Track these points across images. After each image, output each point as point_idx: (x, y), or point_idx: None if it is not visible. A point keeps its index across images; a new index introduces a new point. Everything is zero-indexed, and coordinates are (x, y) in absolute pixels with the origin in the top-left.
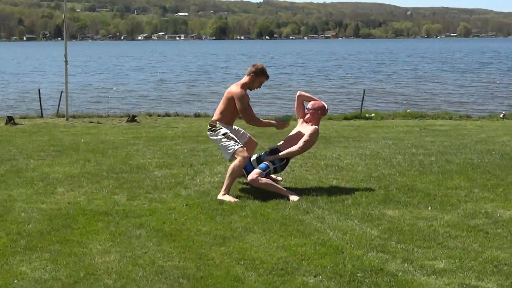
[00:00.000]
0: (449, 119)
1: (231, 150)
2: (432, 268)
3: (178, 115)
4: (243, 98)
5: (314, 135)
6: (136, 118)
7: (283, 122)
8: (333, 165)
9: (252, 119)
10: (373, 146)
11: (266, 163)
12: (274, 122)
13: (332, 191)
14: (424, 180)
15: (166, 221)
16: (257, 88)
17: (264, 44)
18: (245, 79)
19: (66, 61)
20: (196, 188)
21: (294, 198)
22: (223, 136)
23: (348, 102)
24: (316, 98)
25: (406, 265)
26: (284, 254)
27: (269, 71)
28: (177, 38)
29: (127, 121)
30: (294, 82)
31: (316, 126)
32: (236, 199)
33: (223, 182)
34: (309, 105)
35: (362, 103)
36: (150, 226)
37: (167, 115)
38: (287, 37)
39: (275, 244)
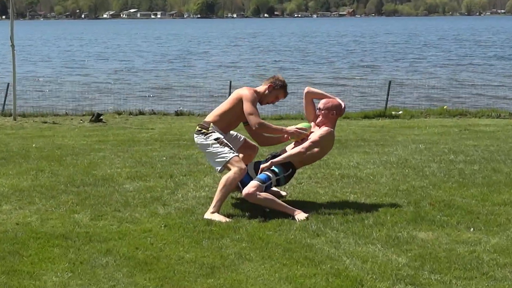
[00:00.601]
0: (497, 118)
1: (224, 159)
2: None
3: (154, 113)
4: (254, 101)
5: (325, 137)
6: (101, 117)
7: (300, 132)
8: (350, 175)
9: (262, 124)
10: (400, 152)
11: (267, 173)
12: (289, 129)
13: (349, 208)
14: (465, 194)
15: (139, 246)
16: (270, 103)
17: (261, 23)
18: (260, 87)
19: (12, 46)
20: (177, 205)
21: (301, 216)
22: (215, 142)
23: (369, 97)
24: (328, 95)
25: None
26: None
27: (264, 58)
28: (153, 16)
29: (91, 120)
30: (299, 72)
31: (330, 128)
32: (227, 219)
33: (211, 198)
34: (321, 104)
35: (387, 98)
36: (120, 252)
37: (141, 113)
38: (291, 14)
39: (277, 275)
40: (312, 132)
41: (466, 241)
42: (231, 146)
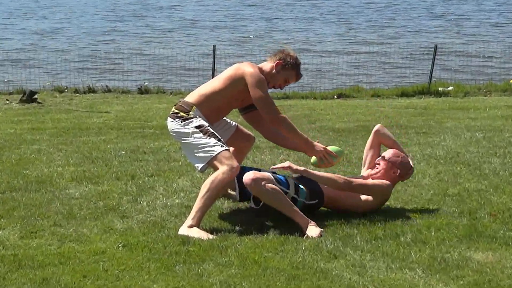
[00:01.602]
0: None
1: (208, 155)
2: None
3: (109, 91)
4: (262, 83)
5: (383, 189)
6: (36, 97)
7: (328, 156)
8: None
9: (283, 121)
10: (450, 143)
11: (288, 179)
12: (317, 145)
13: (379, 220)
14: None
15: (88, 274)
16: (277, 87)
17: None
18: (265, 65)
19: None
20: (141, 217)
21: (313, 231)
22: (196, 130)
23: (406, 69)
24: (399, 144)
25: None
26: None
27: (253, 14)
28: None
29: (21, 101)
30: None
31: (390, 183)
32: (210, 236)
33: (189, 207)
34: (388, 153)
35: (431, 70)
36: (61, 283)
37: (91, 90)
38: None
39: None
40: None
41: None
42: (219, 137)
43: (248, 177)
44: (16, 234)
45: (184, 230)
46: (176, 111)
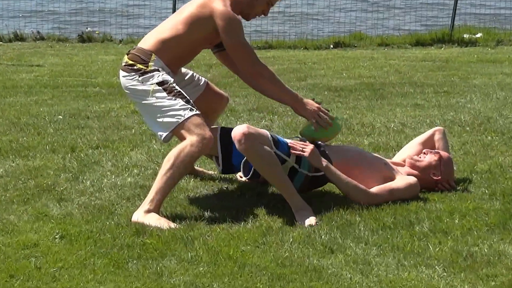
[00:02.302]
0: None
1: (174, 120)
2: None
3: (42, 39)
4: (237, 25)
5: (410, 189)
6: None
7: (324, 116)
8: (389, 146)
9: (263, 72)
10: (478, 105)
11: (290, 143)
12: (308, 102)
13: (387, 203)
14: None
15: (17, 272)
16: (259, 15)
17: None
18: None
19: None
20: (83, 201)
21: (305, 218)
22: (159, 87)
23: (422, 10)
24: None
25: None
26: None
27: None
28: None
29: None
30: None
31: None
32: (173, 224)
33: (144, 187)
34: (443, 153)
35: (454, 11)
36: None
37: (18, 38)
38: None
39: None
40: (389, 169)
41: None
42: (187, 97)
43: (239, 130)
44: None
45: (139, 216)
46: (131, 62)
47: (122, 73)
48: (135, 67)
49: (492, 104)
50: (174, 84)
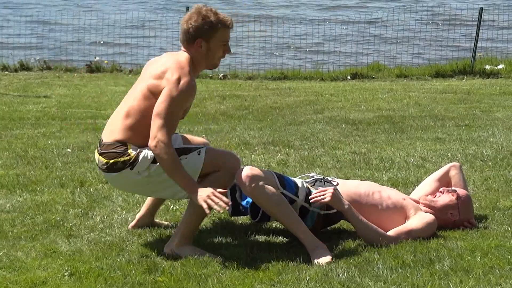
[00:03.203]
0: None
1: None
2: None
3: (49, 68)
4: (185, 94)
5: (427, 228)
6: None
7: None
8: (408, 181)
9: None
10: (501, 139)
11: (297, 181)
12: (201, 195)
13: (406, 240)
14: None
15: None
16: (223, 57)
17: None
18: (187, 53)
19: None
20: (93, 237)
21: (322, 256)
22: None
23: (442, 41)
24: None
25: None
26: None
27: None
28: None
29: None
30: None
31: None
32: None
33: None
34: (460, 191)
35: (475, 42)
36: None
37: (25, 67)
38: None
39: None
40: (408, 204)
41: None
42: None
43: (244, 173)
44: None
45: (174, 248)
46: (112, 161)
47: (110, 174)
48: (116, 161)
49: None
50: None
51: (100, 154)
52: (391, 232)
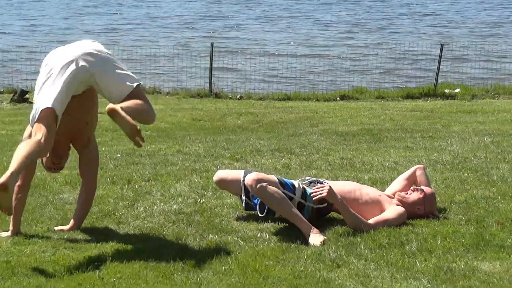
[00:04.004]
0: None
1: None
2: None
3: None
4: None
5: (399, 218)
6: (27, 96)
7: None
8: (384, 181)
9: None
10: (457, 148)
11: (294, 182)
12: None
13: (383, 228)
14: None
15: (84, 282)
16: None
17: None
18: None
19: None
20: (137, 223)
21: (316, 239)
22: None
23: (410, 70)
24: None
25: None
26: None
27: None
28: None
29: (12, 100)
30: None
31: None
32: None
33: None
34: (427, 190)
35: (437, 70)
36: None
37: None
38: None
39: None
40: (384, 200)
41: None
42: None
43: (250, 177)
44: (9, 240)
45: None
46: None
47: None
48: None
49: (468, 147)
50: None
51: None
52: (371, 221)
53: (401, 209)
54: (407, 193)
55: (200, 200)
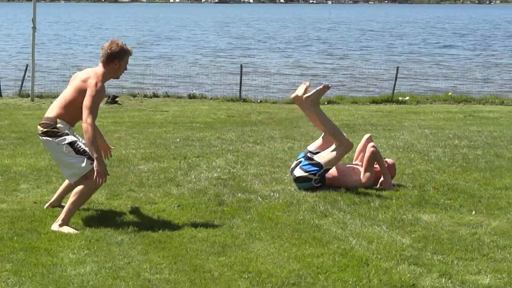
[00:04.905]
0: (500, 105)
1: (83, 169)
2: (475, 284)
3: (168, 96)
4: (98, 96)
5: (372, 177)
6: (117, 99)
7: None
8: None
9: (87, 128)
10: (407, 137)
11: (319, 163)
12: (97, 161)
13: (356, 191)
14: (468, 179)
15: (153, 225)
16: (124, 70)
17: (279, 9)
18: (102, 68)
19: (34, 28)
20: (190, 186)
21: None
22: (71, 148)
23: (377, 83)
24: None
25: (443, 280)
26: (297, 266)
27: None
28: (171, 1)
29: (106, 102)
30: (308, 58)
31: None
32: (76, 231)
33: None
34: (390, 161)
35: (394, 84)
36: (134, 231)
37: (155, 95)
38: (306, 1)
39: (286, 254)
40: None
41: (468, 224)
42: (89, 153)
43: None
44: (103, 196)
45: (55, 227)
46: (44, 128)
47: (41, 134)
48: (48, 131)
49: (415, 136)
50: (81, 143)
51: (40, 124)
52: (358, 177)
53: (372, 173)
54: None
55: (232, 171)
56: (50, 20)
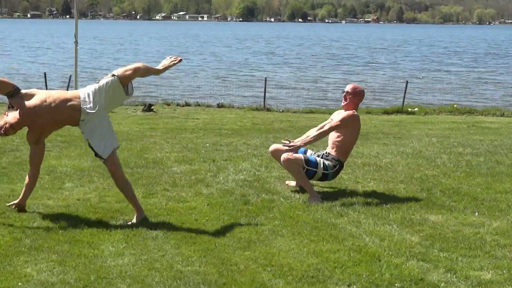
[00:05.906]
0: (501, 116)
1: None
2: (477, 279)
3: (199, 105)
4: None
5: (348, 119)
6: (152, 108)
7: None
8: (370, 164)
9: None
10: (415, 144)
11: (317, 159)
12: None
13: (369, 192)
14: (471, 183)
15: (185, 221)
16: None
17: (295, 28)
18: None
19: (76, 42)
20: (218, 186)
21: (316, 202)
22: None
23: (389, 95)
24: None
25: (449, 275)
26: (315, 261)
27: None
28: (200, 19)
29: (143, 110)
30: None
31: (354, 111)
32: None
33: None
34: (349, 88)
35: (404, 96)
36: (168, 226)
37: (187, 104)
38: (322, 20)
39: (305, 250)
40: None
41: (471, 224)
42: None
43: (285, 156)
44: (140, 195)
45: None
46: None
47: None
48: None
49: (422, 144)
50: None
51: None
52: (324, 129)
53: (346, 113)
54: (345, 104)
55: (257, 173)
56: (88, 36)
